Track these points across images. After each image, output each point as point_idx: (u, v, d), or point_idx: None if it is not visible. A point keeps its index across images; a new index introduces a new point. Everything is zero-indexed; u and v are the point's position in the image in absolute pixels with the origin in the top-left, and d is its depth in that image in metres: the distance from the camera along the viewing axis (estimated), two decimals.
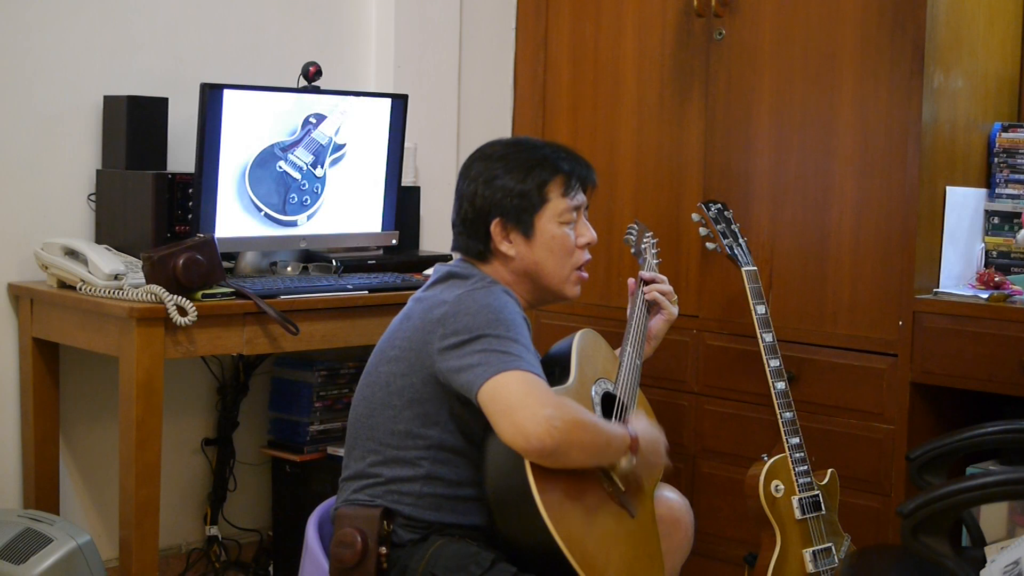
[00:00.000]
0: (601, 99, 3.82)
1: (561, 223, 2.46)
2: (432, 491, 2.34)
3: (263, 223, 3.24)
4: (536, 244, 2.45)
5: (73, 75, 3.26)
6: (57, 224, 3.24)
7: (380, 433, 2.38)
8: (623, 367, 2.64)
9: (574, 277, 2.50)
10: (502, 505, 2.26)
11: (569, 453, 2.21)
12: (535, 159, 2.46)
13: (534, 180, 2.43)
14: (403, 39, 3.87)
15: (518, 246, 2.44)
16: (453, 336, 2.30)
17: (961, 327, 3.07)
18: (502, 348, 2.25)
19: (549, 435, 2.16)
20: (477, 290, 2.37)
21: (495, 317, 2.30)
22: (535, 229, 2.44)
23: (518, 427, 2.17)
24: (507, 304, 2.36)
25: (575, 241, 2.49)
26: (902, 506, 2.17)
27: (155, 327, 2.84)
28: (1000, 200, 3.33)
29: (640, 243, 3.03)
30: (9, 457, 3.22)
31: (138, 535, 2.86)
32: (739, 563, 3.27)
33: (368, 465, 2.38)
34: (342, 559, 2.29)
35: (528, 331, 2.38)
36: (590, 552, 2.23)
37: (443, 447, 2.35)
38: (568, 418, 2.20)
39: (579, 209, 2.50)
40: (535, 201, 2.43)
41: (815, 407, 3.32)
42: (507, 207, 2.43)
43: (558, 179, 2.45)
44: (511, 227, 2.44)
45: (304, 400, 3.44)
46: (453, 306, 2.33)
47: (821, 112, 3.35)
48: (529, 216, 2.43)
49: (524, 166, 2.44)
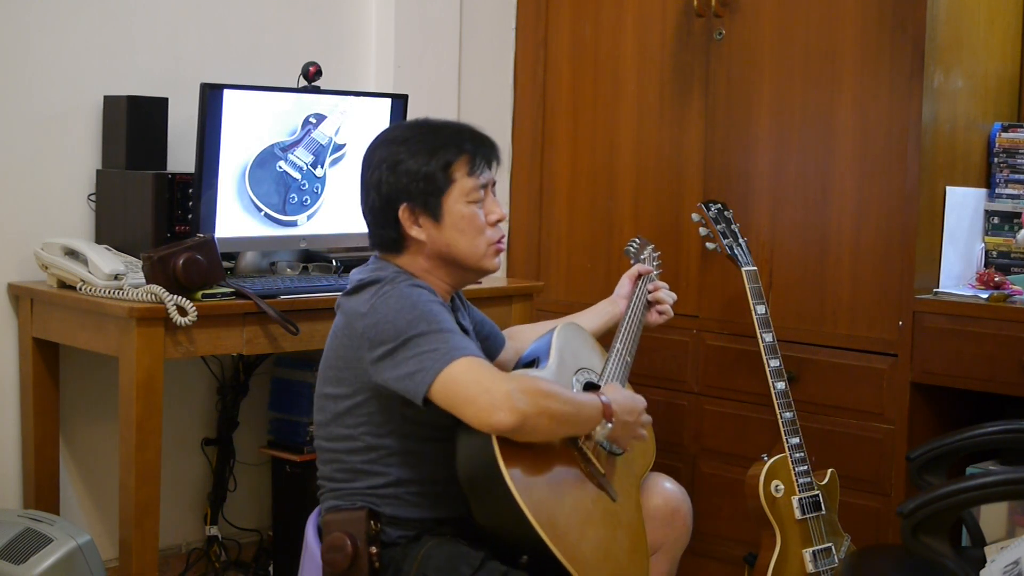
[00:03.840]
0: (601, 99, 3.82)
1: (469, 202, 2.42)
2: (407, 491, 2.36)
3: (263, 223, 3.24)
4: (446, 226, 2.41)
5: (73, 75, 3.26)
6: (57, 224, 3.24)
7: (340, 453, 2.40)
8: (611, 359, 2.64)
9: (490, 251, 2.46)
10: (475, 490, 2.25)
11: (540, 423, 2.20)
12: (438, 141, 2.42)
13: (438, 162, 2.40)
14: (403, 39, 3.87)
15: (428, 230, 2.41)
16: (381, 346, 2.29)
17: (961, 327, 3.07)
18: (433, 345, 2.24)
19: (513, 409, 2.16)
20: (387, 293, 2.34)
21: (413, 315, 2.28)
22: (443, 211, 2.40)
23: (483, 411, 2.17)
24: (420, 296, 2.33)
25: (485, 219, 2.45)
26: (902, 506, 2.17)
27: (155, 327, 2.84)
28: (1000, 200, 3.33)
29: (640, 256, 3.03)
30: (9, 457, 3.22)
31: (138, 535, 2.85)
32: (739, 563, 3.27)
33: (341, 482, 2.41)
34: (334, 564, 2.30)
35: (449, 315, 2.36)
36: (561, 525, 2.22)
37: (404, 451, 2.36)
38: (529, 388, 2.20)
39: (486, 187, 2.45)
40: (441, 183, 2.40)
41: (815, 407, 3.32)
42: (413, 191, 2.39)
43: (463, 159, 2.41)
44: (419, 211, 2.40)
45: (304, 400, 3.44)
46: (370, 316, 2.32)
47: (821, 112, 3.35)
48: (436, 199, 2.40)
49: (427, 148, 2.41)
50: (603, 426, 2.32)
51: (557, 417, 2.24)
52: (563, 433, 2.30)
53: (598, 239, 3.83)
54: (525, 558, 2.24)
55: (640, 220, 3.72)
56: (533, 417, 2.19)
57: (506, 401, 2.16)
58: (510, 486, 2.17)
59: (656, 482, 2.64)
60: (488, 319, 2.77)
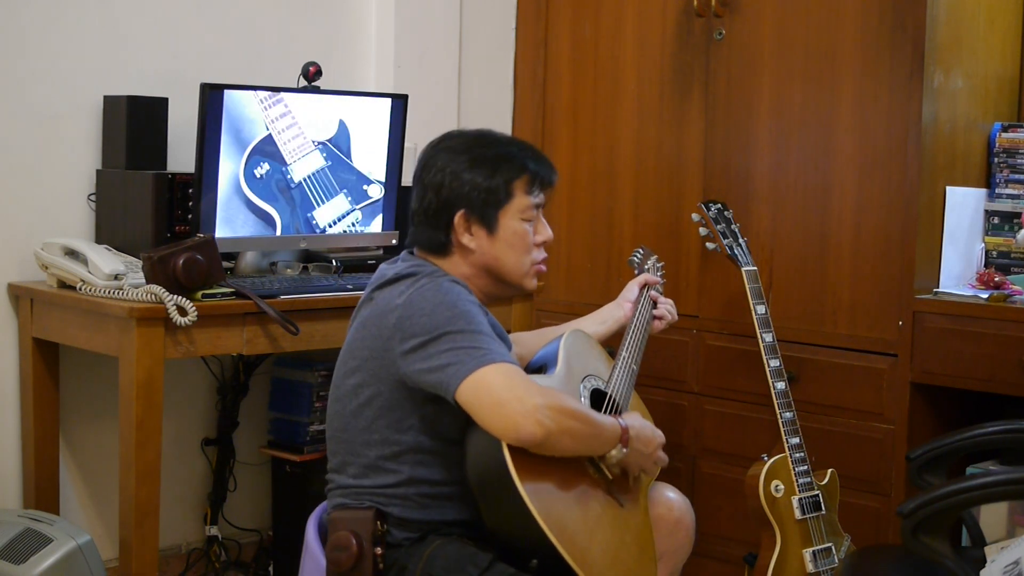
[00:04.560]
0: (601, 99, 3.82)
1: (522, 220, 2.47)
2: (417, 492, 2.35)
3: (263, 223, 3.24)
4: (498, 239, 2.45)
5: (73, 75, 3.26)
6: (57, 224, 3.24)
7: (356, 445, 2.40)
8: (617, 367, 2.64)
9: (532, 271, 2.52)
10: (484, 493, 2.25)
11: (561, 441, 2.22)
12: (502, 155, 2.46)
13: (502, 176, 2.44)
14: (403, 39, 3.87)
15: (479, 240, 2.44)
16: (413, 339, 2.29)
17: (961, 327, 3.07)
18: (469, 344, 2.25)
19: (540, 424, 2.17)
20: (425, 287, 2.35)
21: (452, 312, 2.29)
22: (498, 224, 2.45)
23: (508, 419, 2.18)
24: (459, 295, 2.35)
25: (534, 239, 2.50)
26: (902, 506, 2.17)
27: (155, 327, 2.83)
28: (1000, 200, 3.33)
29: (644, 265, 3.03)
30: (9, 457, 3.22)
31: (138, 535, 2.85)
32: (739, 563, 3.27)
33: (350, 477, 2.40)
34: (339, 562, 2.29)
35: (485, 318, 2.37)
36: (570, 529, 2.22)
37: (419, 450, 2.36)
38: (556, 406, 2.21)
39: (540, 207, 2.51)
40: (501, 197, 2.44)
41: (815, 407, 3.32)
42: (473, 200, 2.43)
43: (524, 177, 2.46)
44: (474, 220, 2.44)
45: (304, 400, 3.44)
46: (405, 308, 2.32)
47: (821, 112, 3.35)
48: (494, 211, 2.44)
49: (492, 161, 2.45)
50: (618, 450, 2.34)
51: (578, 438, 2.26)
52: (580, 452, 2.31)
53: (598, 239, 3.83)
54: (534, 562, 2.24)
55: (640, 220, 3.72)
56: (556, 435, 2.20)
57: (535, 414, 2.17)
58: (520, 490, 2.18)
59: (660, 491, 2.64)
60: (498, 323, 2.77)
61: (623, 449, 2.34)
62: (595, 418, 2.33)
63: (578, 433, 2.26)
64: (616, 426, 2.35)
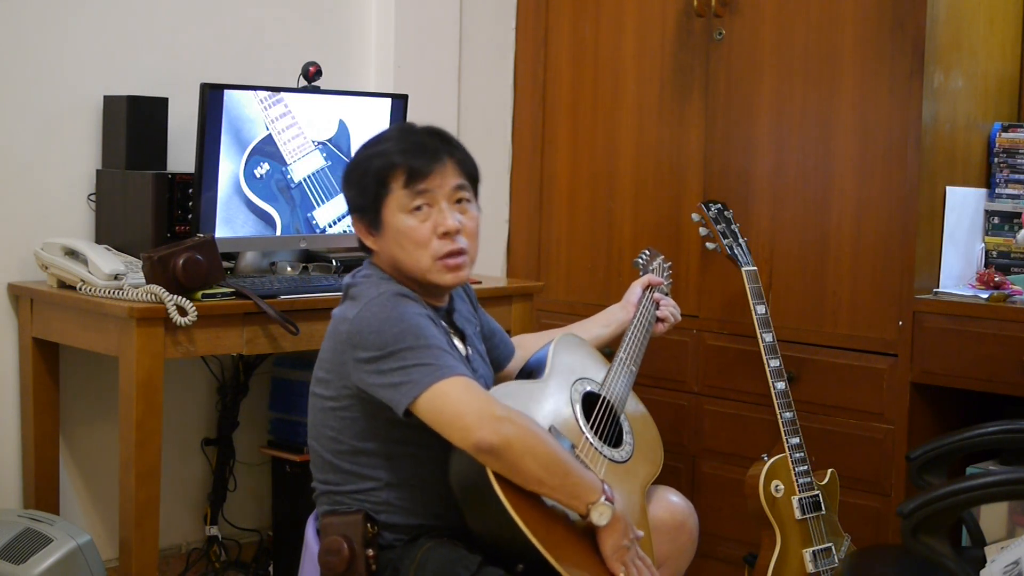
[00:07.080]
0: (601, 99, 3.82)
1: (407, 214, 2.37)
2: (397, 496, 2.35)
3: (263, 223, 3.24)
4: (387, 238, 2.39)
5: (73, 75, 3.26)
6: (57, 224, 3.24)
7: (330, 455, 2.40)
8: (612, 370, 2.62)
9: (438, 266, 2.38)
10: (467, 500, 2.25)
11: (522, 458, 2.16)
12: (375, 152, 2.41)
13: (373, 173, 2.38)
14: (403, 39, 3.87)
15: (376, 240, 2.41)
16: (364, 351, 2.28)
17: (961, 327, 3.07)
18: (421, 360, 2.23)
19: (496, 432, 2.15)
20: (372, 303, 2.32)
21: (399, 329, 2.26)
22: (383, 223, 2.39)
23: (465, 429, 2.17)
24: (406, 309, 2.31)
25: (431, 231, 2.37)
26: (902, 506, 2.17)
27: (155, 327, 2.84)
28: (1000, 200, 3.33)
29: (649, 267, 3.01)
30: (9, 457, 3.22)
31: (138, 535, 2.85)
32: (739, 563, 3.28)
33: (333, 485, 2.40)
34: (331, 567, 2.30)
35: (437, 329, 2.33)
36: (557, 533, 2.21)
37: (390, 455, 2.35)
38: (519, 422, 2.19)
39: (433, 198, 2.38)
40: (378, 194, 2.37)
41: (815, 407, 3.32)
42: (356, 203, 2.42)
43: (394, 172, 2.37)
44: (364, 222, 2.41)
45: (304, 400, 3.41)
46: (354, 324, 2.31)
47: (821, 112, 3.35)
48: (373, 211, 2.39)
49: (366, 160, 2.41)
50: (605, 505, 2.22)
51: (541, 460, 2.18)
52: (551, 485, 2.21)
53: (598, 239, 3.83)
54: (521, 567, 2.23)
55: (640, 220, 3.73)
56: (517, 448, 2.16)
57: (492, 423, 2.16)
58: (500, 495, 2.17)
59: (662, 495, 2.61)
60: (499, 327, 2.76)
61: (609, 504, 2.22)
62: (568, 455, 2.25)
63: (542, 456, 2.18)
64: (596, 480, 2.26)
